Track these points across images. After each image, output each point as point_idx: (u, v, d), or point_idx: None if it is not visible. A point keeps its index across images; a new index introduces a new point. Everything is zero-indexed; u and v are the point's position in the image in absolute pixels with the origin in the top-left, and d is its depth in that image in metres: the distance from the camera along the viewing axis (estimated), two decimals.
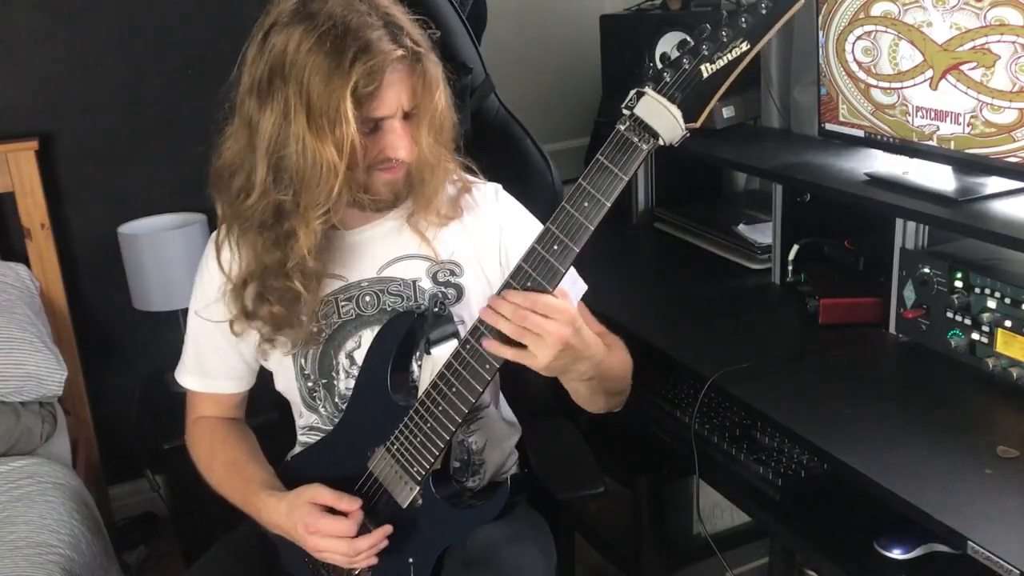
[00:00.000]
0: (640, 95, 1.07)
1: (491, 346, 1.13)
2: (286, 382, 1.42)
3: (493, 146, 1.41)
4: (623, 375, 1.34)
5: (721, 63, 1.05)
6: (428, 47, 1.26)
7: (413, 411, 1.26)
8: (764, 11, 1.03)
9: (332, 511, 1.28)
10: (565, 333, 1.10)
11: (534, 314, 1.10)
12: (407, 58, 1.22)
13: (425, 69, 1.24)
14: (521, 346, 1.12)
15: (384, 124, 1.24)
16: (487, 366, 1.18)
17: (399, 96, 1.23)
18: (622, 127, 1.08)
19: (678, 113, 1.06)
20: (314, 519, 1.26)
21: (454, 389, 1.21)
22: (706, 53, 1.05)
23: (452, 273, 1.38)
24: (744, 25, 1.04)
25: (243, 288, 1.33)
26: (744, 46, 1.04)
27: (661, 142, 1.08)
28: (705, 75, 1.05)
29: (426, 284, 1.37)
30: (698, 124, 1.07)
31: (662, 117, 1.06)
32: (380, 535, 1.27)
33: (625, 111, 1.08)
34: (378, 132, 1.24)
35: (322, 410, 1.41)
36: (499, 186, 1.45)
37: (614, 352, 1.32)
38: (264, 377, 1.47)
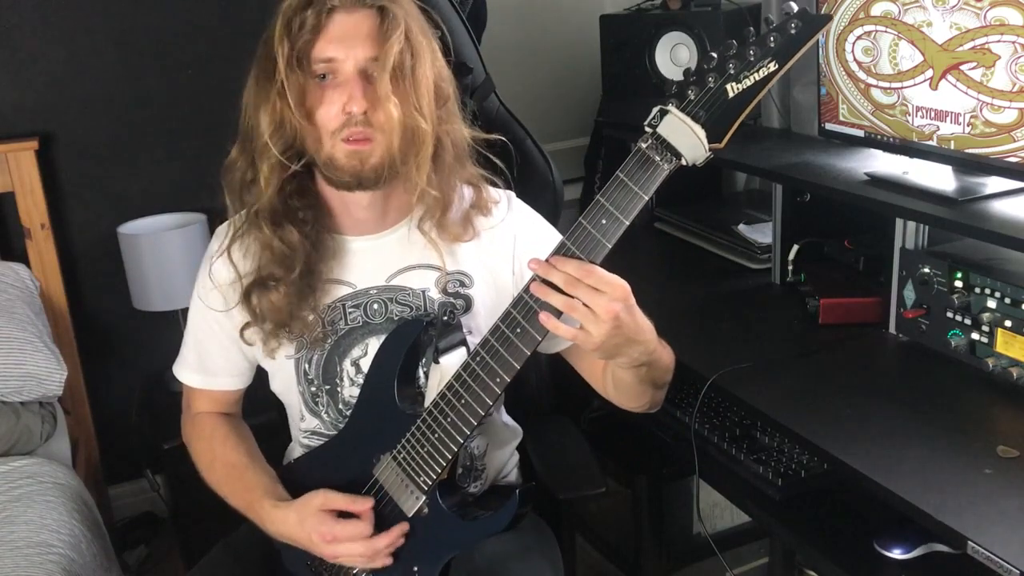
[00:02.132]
0: (664, 113, 1.04)
1: (547, 321, 1.09)
2: (286, 384, 1.41)
3: (493, 146, 1.41)
4: (670, 365, 1.30)
5: (748, 83, 1.01)
6: (408, 8, 1.24)
7: (421, 420, 1.25)
8: (794, 31, 0.99)
9: (342, 514, 1.28)
10: (616, 308, 1.07)
11: (586, 286, 1.07)
12: (367, 6, 1.20)
13: (393, 17, 1.20)
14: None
15: (337, 72, 1.22)
16: (497, 379, 1.16)
17: (350, 39, 1.20)
18: (644, 145, 1.05)
19: (702, 133, 1.02)
20: (329, 527, 1.26)
21: (463, 401, 1.20)
22: (732, 72, 1.01)
23: (461, 284, 1.36)
24: (773, 44, 1.00)
25: (252, 285, 1.32)
26: (772, 66, 1.00)
27: (684, 162, 1.04)
28: (731, 95, 1.02)
29: (435, 294, 1.36)
30: (722, 145, 1.04)
31: (685, 137, 1.03)
32: (397, 532, 1.27)
33: (648, 129, 1.04)
34: (334, 87, 1.22)
35: (325, 416, 1.40)
36: (511, 194, 1.42)
37: (661, 341, 1.27)
38: (265, 376, 1.46)
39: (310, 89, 1.23)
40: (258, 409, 1.54)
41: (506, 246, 1.37)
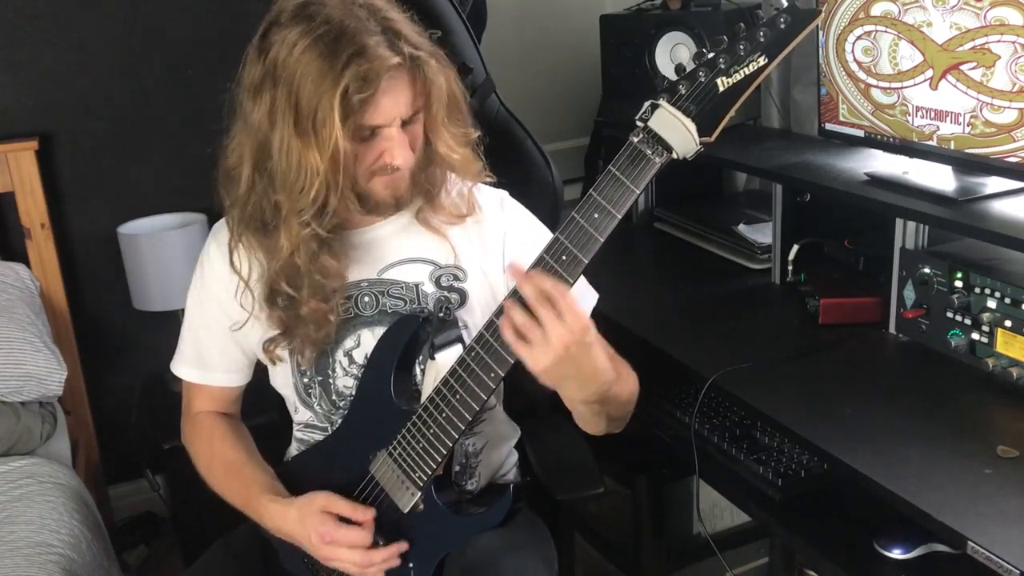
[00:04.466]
0: (654, 107, 1.06)
1: (505, 327, 1.10)
2: (284, 377, 1.42)
3: (494, 146, 1.41)
4: (628, 400, 1.30)
5: (738, 77, 1.03)
6: (430, 50, 1.23)
7: (416, 416, 1.25)
8: (783, 25, 1.01)
9: (343, 520, 1.28)
10: (568, 339, 1.06)
11: (550, 307, 1.06)
12: (404, 65, 1.19)
13: (426, 75, 1.22)
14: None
15: (382, 131, 1.22)
16: (492, 374, 1.17)
17: (396, 104, 1.21)
18: (635, 139, 1.07)
19: (692, 127, 1.04)
20: (329, 529, 1.26)
21: (458, 396, 1.20)
22: (723, 66, 1.03)
23: (456, 278, 1.37)
24: (762, 39, 1.02)
25: (265, 289, 1.32)
26: (762, 60, 1.02)
27: (675, 156, 1.06)
28: (721, 89, 1.04)
29: (429, 288, 1.36)
30: (712, 138, 1.06)
31: (676, 131, 1.05)
32: (395, 550, 1.28)
33: (639, 123, 1.06)
34: (375, 139, 1.23)
35: (317, 407, 1.41)
36: (505, 193, 1.43)
37: (622, 378, 1.27)
38: (265, 376, 1.46)
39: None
40: (259, 409, 1.54)
41: (497, 243, 1.38)
